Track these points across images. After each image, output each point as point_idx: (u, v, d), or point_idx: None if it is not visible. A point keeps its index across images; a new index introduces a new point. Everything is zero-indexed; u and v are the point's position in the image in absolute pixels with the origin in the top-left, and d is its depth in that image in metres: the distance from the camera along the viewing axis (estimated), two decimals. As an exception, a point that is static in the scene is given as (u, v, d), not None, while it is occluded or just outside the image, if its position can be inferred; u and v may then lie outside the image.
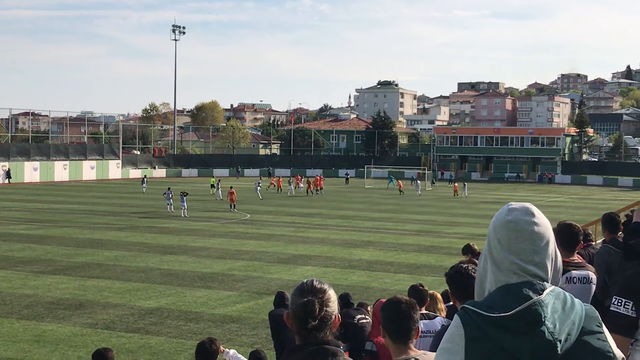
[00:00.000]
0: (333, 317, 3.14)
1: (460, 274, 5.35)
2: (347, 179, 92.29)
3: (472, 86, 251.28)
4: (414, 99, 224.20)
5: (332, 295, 3.18)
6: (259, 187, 66.27)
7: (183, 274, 26.86)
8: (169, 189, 53.22)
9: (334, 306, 3.15)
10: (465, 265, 5.47)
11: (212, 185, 70.46)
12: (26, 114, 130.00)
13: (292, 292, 3.21)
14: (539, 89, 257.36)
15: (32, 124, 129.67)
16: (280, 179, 78.25)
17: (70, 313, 20.71)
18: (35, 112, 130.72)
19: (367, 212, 53.82)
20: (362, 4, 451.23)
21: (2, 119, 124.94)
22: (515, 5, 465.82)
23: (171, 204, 50.93)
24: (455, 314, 2.45)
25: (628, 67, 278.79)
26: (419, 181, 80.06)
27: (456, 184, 78.06)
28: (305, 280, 3.22)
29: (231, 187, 56.05)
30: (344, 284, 24.16)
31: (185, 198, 48.64)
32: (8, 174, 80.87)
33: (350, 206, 58.78)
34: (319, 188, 71.74)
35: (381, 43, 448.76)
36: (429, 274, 26.83)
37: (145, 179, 73.68)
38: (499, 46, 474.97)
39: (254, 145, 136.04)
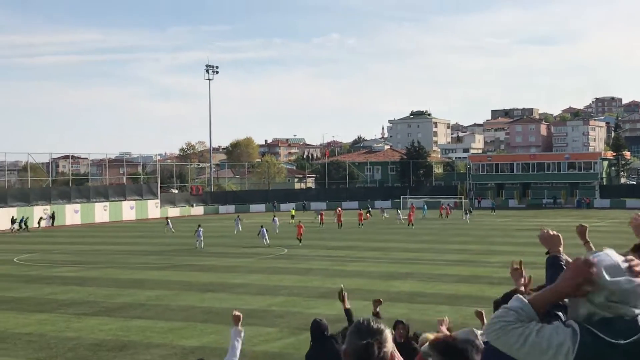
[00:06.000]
0: (388, 355, 3.35)
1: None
2: (381, 209, 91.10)
3: (506, 113, 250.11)
4: (448, 127, 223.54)
5: (388, 335, 3.39)
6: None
7: (223, 312, 26.85)
8: (199, 226, 53.74)
9: (389, 345, 3.36)
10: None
11: (292, 216, 75.38)
12: (66, 157, 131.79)
13: (349, 331, 3.38)
14: (574, 114, 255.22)
15: (72, 167, 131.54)
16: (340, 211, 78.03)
17: (114, 354, 20.79)
18: (75, 155, 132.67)
19: (404, 243, 53.55)
20: (387, 36, 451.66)
21: (43, 163, 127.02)
22: (542, 31, 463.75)
23: (201, 241, 51.63)
24: (571, 328, 2.49)
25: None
26: (398, 210, 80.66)
27: (412, 211, 77.14)
28: (361, 320, 3.41)
29: (300, 222, 56.42)
30: (385, 317, 23.94)
31: (201, 232, 51.94)
32: (53, 217, 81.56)
33: (386, 237, 58.53)
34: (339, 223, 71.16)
35: (411, 73, 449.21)
36: (470, 305, 26.50)
37: (168, 220, 71.12)
38: (530, 72, 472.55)
39: (289, 180, 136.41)
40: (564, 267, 5.35)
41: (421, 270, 37.67)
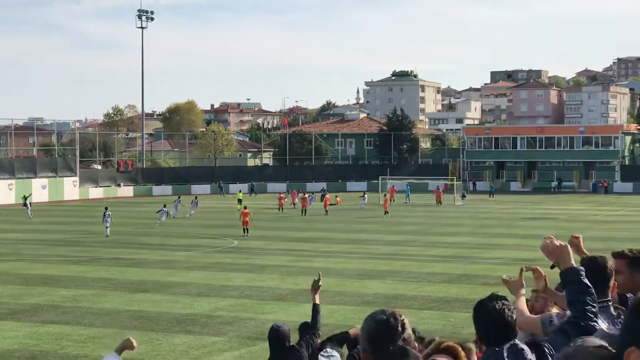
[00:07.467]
0: (411, 340, 3.57)
1: (487, 310, 5.20)
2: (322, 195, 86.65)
3: (509, 75, 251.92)
4: (438, 92, 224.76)
5: (408, 321, 3.56)
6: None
7: (157, 317, 26.84)
8: (106, 209, 54.65)
9: (410, 332, 3.53)
10: (498, 302, 5.25)
11: (240, 200, 76.62)
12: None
13: (362, 326, 3.57)
14: (591, 77, 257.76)
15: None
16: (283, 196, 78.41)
17: (20, 368, 20.71)
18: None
19: (383, 234, 53.83)
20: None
21: None
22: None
23: (108, 227, 52.90)
24: None
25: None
26: (365, 196, 79.97)
27: (392, 194, 79.47)
28: (373, 311, 3.59)
29: (245, 207, 56.65)
30: (357, 325, 24.09)
31: (109, 216, 53.20)
32: None
33: (361, 227, 58.78)
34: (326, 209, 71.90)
35: (395, 25, 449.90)
36: (461, 309, 26.78)
37: (27, 202, 72.36)
38: (540, 25, 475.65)
39: (240, 155, 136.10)
40: (585, 280, 5.41)
41: (403, 268, 37.90)
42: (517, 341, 5.02)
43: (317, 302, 11.06)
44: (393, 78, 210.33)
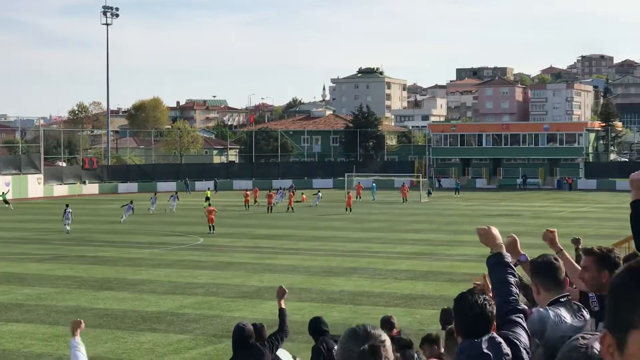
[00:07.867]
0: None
1: (469, 303, 5.21)
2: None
3: (474, 73, 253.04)
4: (404, 89, 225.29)
5: (389, 342, 3.49)
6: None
7: (122, 315, 26.75)
8: (67, 206, 54.70)
9: (392, 356, 3.46)
10: (480, 296, 5.28)
11: (207, 198, 73.55)
12: None
13: (341, 340, 3.48)
14: (555, 75, 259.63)
15: None
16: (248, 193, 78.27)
17: (-17, 367, 20.58)
18: None
19: (349, 231, 53.89)
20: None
21: None
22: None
23: (68, 224, 53.08)
24: None
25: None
26: (320, 193, 79.89)
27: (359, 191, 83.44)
28: (354, 326, 3.52)
29: (209, 205, 56.68)
30: (328, 321, 24.11)
31: (70, 213, 53.47)
32: None
33: (326, 225, 58.82)
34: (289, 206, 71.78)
35: (361, 22, 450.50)
36: (427, 306, 26.90)
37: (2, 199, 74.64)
38: (505, 23, 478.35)
39: (206, 152, 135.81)
40: (509, 261, 5.57)
41: (369, 265, 37.98)
42: (494, 334, 5.06)
43: (283, 306, 11.39)
44: (359, 75, 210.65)
